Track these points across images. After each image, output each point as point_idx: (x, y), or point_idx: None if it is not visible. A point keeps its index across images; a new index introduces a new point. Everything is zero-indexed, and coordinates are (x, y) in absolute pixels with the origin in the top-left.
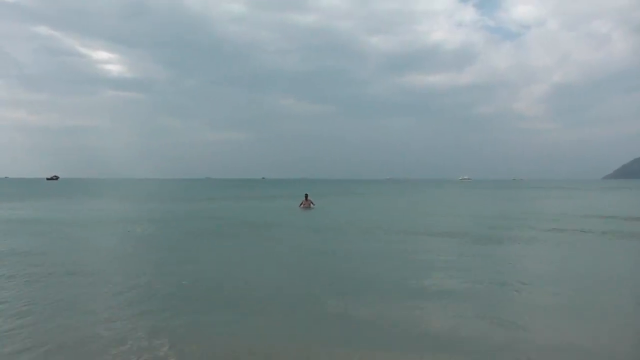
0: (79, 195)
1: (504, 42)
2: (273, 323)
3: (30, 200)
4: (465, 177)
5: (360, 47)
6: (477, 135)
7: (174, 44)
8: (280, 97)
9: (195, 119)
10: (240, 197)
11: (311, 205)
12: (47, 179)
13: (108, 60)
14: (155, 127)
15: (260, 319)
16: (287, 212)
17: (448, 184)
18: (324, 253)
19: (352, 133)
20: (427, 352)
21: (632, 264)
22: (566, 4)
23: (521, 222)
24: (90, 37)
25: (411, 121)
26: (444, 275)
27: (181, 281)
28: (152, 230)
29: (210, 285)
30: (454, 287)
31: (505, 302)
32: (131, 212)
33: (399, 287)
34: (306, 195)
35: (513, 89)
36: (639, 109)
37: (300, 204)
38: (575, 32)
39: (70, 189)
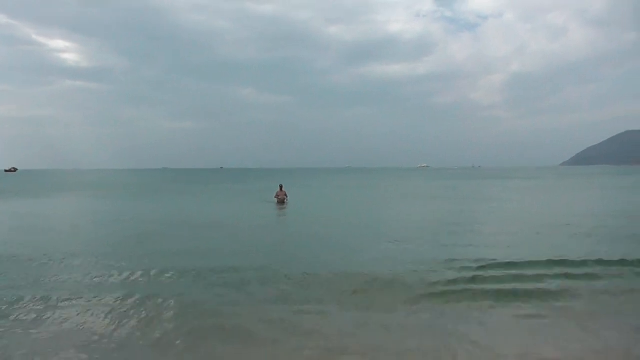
0: (46, 191)
1: (462, 33)
2: None
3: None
4: (424, 164)
5: (319, 37)
6: (436, 124)
7: (132, 32)
8: (239, 86)
9: (153, 108)
10: (197, 193)
11: (285, 199)
12: (6, 170)
13: (65, 49)
14: (113, 117)
15: None
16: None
17: (406, 173)
18: None
19: (311, 122)
20: None
21: None
22: None
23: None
24: (47, 25)
25: (370, 110)
26: None
27: None
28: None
29: None
30: None
31: None
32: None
33: None
34: (281, 186)
35: (471, 78)
36: (594, 99)
37: (275, 195)
38: (532, 24)
39: (32, 182)
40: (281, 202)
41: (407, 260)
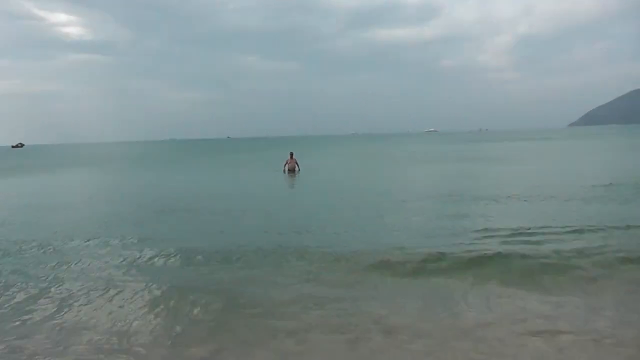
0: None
1: None
2: None
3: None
4: (432, 129)
5: (323, 2)
6: (443, 88)
7: (134, 3)
8: (244, 55)
9: (158, 79)
10: (205, 164)
11: (296, 167)
12: (12, 146)
13: (67, 23)
14: (119, 89)
15: None
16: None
17: (414, 138)
18: None
19: (317, 89)
20: None
21: None
22: None
23: None
24: None
25: (376, 76)
26: None
27: None
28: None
29: None
30: None
31: None
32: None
33: None
34: (291, 154)
35: (478, 41)
36: (602, 58)
37: (285, 164)
38: None
39: (38, 157)
40: (292, 170)
41: (416, 232)
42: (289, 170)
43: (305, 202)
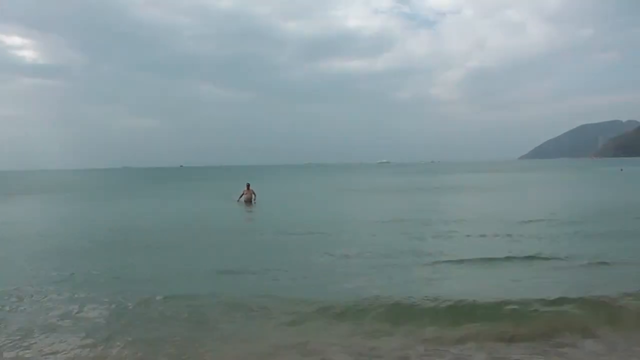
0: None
1: (420, 29)
2: None
3: None
4: (384, 160)
5: (277, 32)
6: (395, 119)
7: (89, 27)
8: (199, 83)
9: (112, 105)
10: (157, 195)
11: (252, 198)
12: None
13: (22, 46)
14: (72, 115)
15: None
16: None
17: (367, 169)
18: None
19: (271, 119)
20: None
21: None
22: None
23: None
24: (3, 20)
25: (329, 106)
26: None
27: None
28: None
29: None
30: None
31: None
32: None
33: None
34: (247, 185)
35: (430, 74)
36: (551, 93)
37: (241, 195)
38: (491, 20)
39: None
40: (248, 201)
41: (346, 272)
42: (245, 200)
43: (259, 236)
